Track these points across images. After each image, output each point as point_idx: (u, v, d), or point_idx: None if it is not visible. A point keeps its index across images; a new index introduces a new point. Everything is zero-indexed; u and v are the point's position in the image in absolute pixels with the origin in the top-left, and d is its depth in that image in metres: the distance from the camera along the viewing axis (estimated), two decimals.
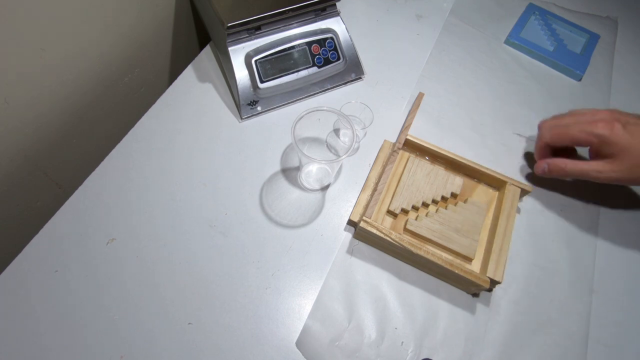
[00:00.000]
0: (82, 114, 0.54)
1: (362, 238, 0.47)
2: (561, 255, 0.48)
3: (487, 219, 0.49)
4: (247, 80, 0.52)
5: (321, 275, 0.44)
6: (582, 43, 0.69)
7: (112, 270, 0.42)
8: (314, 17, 0.55)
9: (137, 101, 0.63)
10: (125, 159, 0.49)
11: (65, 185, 0.56)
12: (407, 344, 0.42)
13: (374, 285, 0.45)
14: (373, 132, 0.55)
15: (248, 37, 0.52)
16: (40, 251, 0.43)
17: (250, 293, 0.43)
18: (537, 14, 0.72)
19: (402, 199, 0.48)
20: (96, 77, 0.54)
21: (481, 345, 0.42)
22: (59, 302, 0.40)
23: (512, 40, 0.67)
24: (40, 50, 0.44)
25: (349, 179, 0.51)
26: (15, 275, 0.41)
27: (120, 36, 0.55)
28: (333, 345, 0.41)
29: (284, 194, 0.49)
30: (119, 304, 0.41)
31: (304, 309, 0.42)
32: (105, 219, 0.45)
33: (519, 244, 0.48)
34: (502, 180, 0.49)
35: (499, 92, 0.62)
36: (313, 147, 0.52)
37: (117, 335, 0.39)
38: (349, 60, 0.58)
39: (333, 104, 0.53)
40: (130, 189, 0.47)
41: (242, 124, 0.54)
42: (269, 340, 0.40)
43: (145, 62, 0.61)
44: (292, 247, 0.46)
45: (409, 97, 0.59)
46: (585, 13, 0.75)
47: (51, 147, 0.52)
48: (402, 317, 0.43)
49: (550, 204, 0.52)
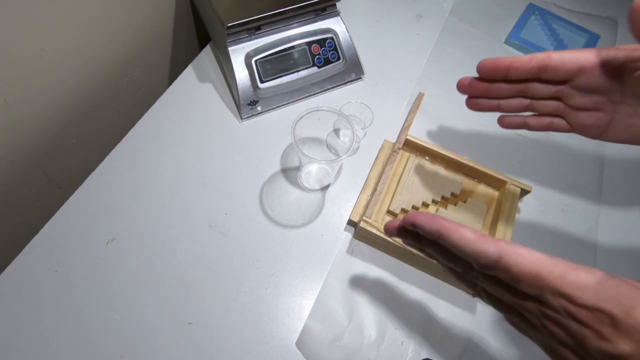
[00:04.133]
0: (82, 113, 0.54)
1: (362, 238, 0.47)
2: (561, 255, 0.48)
3: (487, 219, 0.49)
4: (247, 80, 0.52)
5: (321, 275, 0.44)
6: (582, 43, 0.69)
7: (112, 270, 0.42)
8: (314, 17, 0.55)
9: (137, 101, 0.63)
10: (125, 159, 0.49)
11: (65, 185, 0.56)
12: (407, 344, 0.42)
13: (374, 285, 0.45)
14: (373, 132, 0.55)
15: (248, 37, 0.52)
16: (40, 251, 0.43)
17: (250, 293, 0.43)
18: (537, 14, 0.72)
19: (402, 199, 0.48)
20: (96, 77, 0.54)
21: (481, 345, 0.42)
22: (59, 302, 0.40)
23: (512, 40, 0.67)
24: (40, 50, 0.44)
25: (349, 179, 0.51)
26: (15, 275, 0.41)
27: (120, 36, 0.55)
28: (333, 345, 0.41)
29: (284, 194, 0.49)
30: (119, 304, 0.41)
31: (304, 309, 0.42)
32: (105, 219, 0.45)
33: (519, 244, 0.48)
34: (502, 180, 0.49)
35: None
36: (313, 147, 0.52)
37: (117, 335, 0.39)
38: (349, 60, 0.58)
39: (333, 104, 0.53)
40: (130, 189, 0.47)
41: (242, 124, 0.54)
42: (269, 340, 0.40)
43: (145, 62, 0.61)
44: (292, 247, 0.46)
45: (409, 97, 0.59)
46: (585, 13, 0.75)
47: (51, 147, 0.52)
48: (402, 317, 0.43)
49: (550, 204, 0.52)
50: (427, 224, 0.26)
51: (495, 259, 0.23)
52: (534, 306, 0.23)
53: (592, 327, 0.21)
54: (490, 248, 0.24)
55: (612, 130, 0.34)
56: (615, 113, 0.34)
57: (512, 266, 0.23)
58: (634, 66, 0.30)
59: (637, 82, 0.30)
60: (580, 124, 0.36)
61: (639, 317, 0.20)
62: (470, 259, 0.25)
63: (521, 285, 0.23)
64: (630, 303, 0.21)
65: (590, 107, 0.34)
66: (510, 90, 0.36)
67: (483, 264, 0.24)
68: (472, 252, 0.24)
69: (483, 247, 0.24)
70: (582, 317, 0.21)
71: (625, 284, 0.22)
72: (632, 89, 0.32)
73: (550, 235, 0.50)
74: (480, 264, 0.24)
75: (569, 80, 0.34)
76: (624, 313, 0.20)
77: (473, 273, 0.26)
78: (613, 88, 0.32)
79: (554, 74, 0.34)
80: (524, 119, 0.39)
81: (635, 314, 0.20)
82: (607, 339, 0.21)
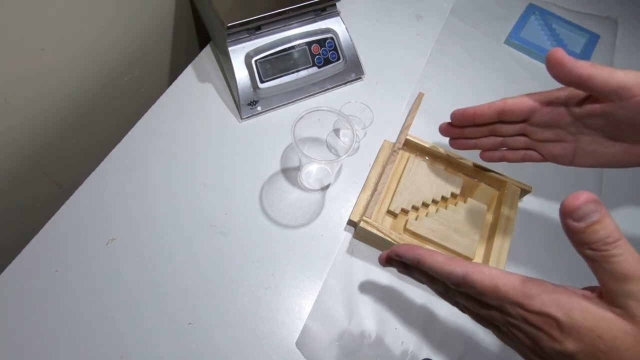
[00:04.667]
0: (82, 114, 0.54)
1: (362, 238, 0.47)
2: (561, 255, 0.48)
3: (487, 219, 0.49)
4: (247, 80, 0.52)
5: (321, 275, 0.44)
6: (582, 43, 0.69)
7: (112, 270, 0.42)
8: (314, 17, 0.55)
9: (137, 101, 0.63)
10: (125, 159, 0.49)
11: (65, 185, 0.56)
12: (407, 344, 0.42)
13: (374, 285, 0.45)
14: (373, 132, 0.55)
15: (248, 37, 0.52)
16: (40, 251, 0.43)
17: (250, 293, 0.43)
18: (537, 14, 0.72)
19: (402, 199, 0.48)
20: (96, 77, 0.54)
21: (481, 345, 0.42)
22: (58, 302, 0.40)
23: (512, 40, 0.67)
24: (40, 50, 0.44)
25: (349, 179, 0.51)
26: (15, 275, 0.41)
27: (120, 36, 0.55)
28: (333, 345, 0.41)
29: (284, 194, 0.49)
30: (118, 304, 0.41)
31: (304, 309, 0.42)
32: (105, 219, 0.45)
33: (519, 244, 0.48)
34: (502, 180, 0.49)
35: (499, 92, 0.62)
36: (313, 147, 0.52)
37: (117, 335, 0.39)
38: (349, 60, 0.58)
39: (333, 104, 0.53)
40: (130, 189, 0.47)
41: (242, 124, 0.54)
42: (269, 340, 0.40)
43: (145, 62, 0.61)
44: (292, 247, 0.46)
45: (409, 97, 0.59)
46: (585, 13, 0.75)
47: (51, 147, 0.52)
48: (402, 317, 0.43)
49: (550, 204, 0.52)
50: (406, 253, 0.31)
51: (462, 277, 0.27)
52: (499, 316, 0.27)
53: (544, 330, 0.24)
54: (457, 268, 0.27)
55: (579, 157, 0.38)
56: (577, 142, 0.37)
57: (476, 282, 0.26)
58: (575, 103, 0.35)
59: (582, 116, 0.35)
60: (549, 154, 0.40)
61: (576, 318, 0.23)
62: (444, 279, 0.28)
63: (485, 298, 0.26)
64: (569, 306, 0.24)
65: (553, 139, 0.38)
66: (481, 131, 0.42)
67: (454, 282, 0.27)
68: (444, 273, 0.28)
69: (451, 267, 0.28)
70: (534, 321, 0.24)
71: (565, 289, 0.25)
72: (581, 121, 0.36)
73: (550, 235, 0.50)
74: (452, 282, 0.28)
75: (527, 119, 0.39)
76: (565, 315, 0.23)
77: (451, 291, 0.30)
78: (566, 121, 0.37)
79: (512, 116, 0.39)
80: (502, 153, 0.43)
81: (573, 315, 0.23)
82: (557, 340, 0.24)
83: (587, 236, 0.23)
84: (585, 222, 0.23)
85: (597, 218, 0.22)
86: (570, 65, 0.31)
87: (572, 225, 0.23)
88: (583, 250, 0.24)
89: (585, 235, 0.23)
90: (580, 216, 0.23)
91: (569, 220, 0.23)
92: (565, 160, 0.39)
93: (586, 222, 0.23)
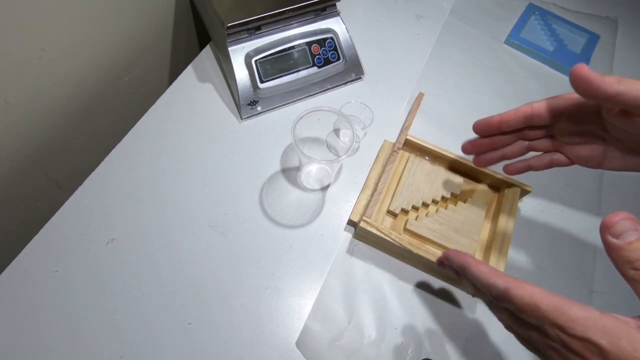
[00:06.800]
0: (82, 114, 0.54)
1: (362, 238, 0.47)
2: (561, 256, 0.48)
3: (487, 219, 0.49)
4: (247, 80, 0.52)
5: (321, 275, 0.44)
6: (582, 43, 0.69)
7: (112, 270, 0.42)
8: (314, 17, 0.55)
9: (137, 101, 0.63)
10: (125, 159, 0.49)
11: (65, 185, 0.56)
12: (407, 343, 0.42)
13: (374, 285, 0.45)
14: (373, 132, 0.55)
15: (248, 37, 0.52)
16: (40, 251, 0.43)
17: (250, 293, 0.43)
18: (537, 14, 0.72)
19: (402, 199, 0.48)
20: (96, 77, 0.54)
21: (481, 345, 0.42)
22: (59, 302, 0.40)
23: (512, 40, 0.67)
24: (40, 50, 0.44)
25: (349, 179, 0.51)
26: (15, 275, 0.41)
27: (120, 36, 0.55)
28: (333, 345, 0.41)
29: (284, 194, 0.49)
30: (119, 304, 0.41)
31: (304, 309, 0.42)
32: (105, 219, 0.45)
33: (519, 244, 0.48)
34: (502, 180, 0.49)
35: (499, 92, 0.62)
36: (313, 147, 0.52)
37: (117, 335, 0.39)
38: (349, 60, 0.58)
39: (333, 104, 0.53)
40: (130, 189, 0.47)
41: (242, 124, 0.54)
42: (269, 340, 0.40)
43: (145, 62, 0.61)
44: (292, 247, 0.46)
45: (409, 97, 0.59)
46: (585, 13, 0.75)
47: (51, 147, 0.52)
48: (402, 317, 0.43)
49: (550, 204, 0.52)
50: (454, 259, 0.31)
51: (503, 291, 0.26)
52: (538, 337, 0.26)
53: (583, 356, 0.23)
54: (499, 281, 0.27)
55: (609, 160, 0.37)
56: (607, 144, 0.36)
57: (516, 297, 0.26)
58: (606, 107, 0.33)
59: (613, 119, 0.33)
60: (578, 157, 0.38)
61: (624, 347, 0.22)
62: (486, 290, 0.28)
63: (525, 316, 0.26)
64: (617, 335, 0.22)
65: (582, 141, 0.37)
66: (509, 139, 0.40)
67: (494, 294, 0.27)
68: (486, 284, 0.28)
69: (493, 280, 0.27)
70: (574, 347, 0.23)
71: (613, 318, 0.24)
72: (611, 124, 0.34)
73: (550, 235, 0.50)
74: (492, 295, 0.27)
75: (555, 122, 0.37)
76: (610, 344, 0.22)
77: (494, 305, 0.29)
78: (595, 123, 0.35)
79: (540, 119, 0.37)
80: (527, 162, 0.41)
81: (620, 344, 0.22)
82: None
83: (628, 253, 0.23)
84: (623, 240, 0.23)
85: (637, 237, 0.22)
86: (597, 82, 0.29)
87: (611, 241, 0.23)
88: (626, 272, 0.23)
89: (626, 252, 0.23)
90: (618, 232, 0.23)
91: (607, 235, 0.23)
92: (594, 162, 0.37)
93: (624, 240, 0.23)
